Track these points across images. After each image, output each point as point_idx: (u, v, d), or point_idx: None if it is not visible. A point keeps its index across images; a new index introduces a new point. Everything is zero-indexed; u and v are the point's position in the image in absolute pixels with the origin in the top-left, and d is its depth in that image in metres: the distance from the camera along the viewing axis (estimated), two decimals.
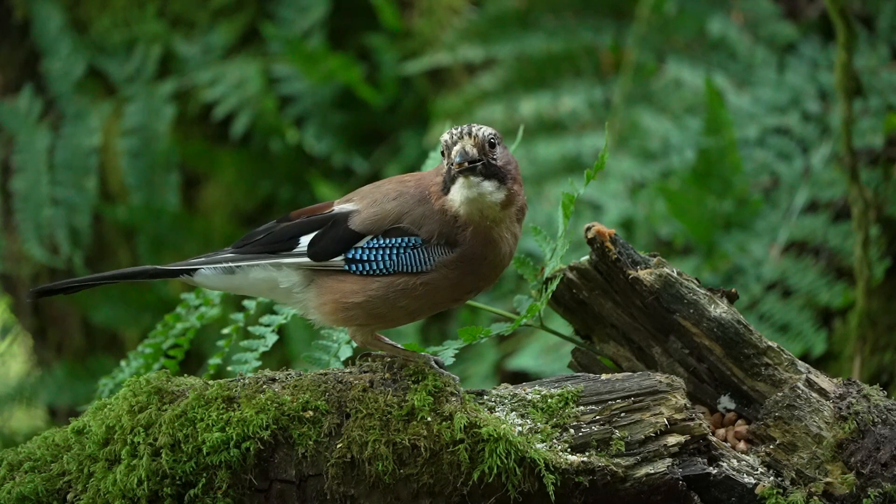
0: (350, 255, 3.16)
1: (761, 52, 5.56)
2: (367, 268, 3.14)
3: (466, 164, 3.10)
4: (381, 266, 3.14)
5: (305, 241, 3.18)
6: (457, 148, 3.12)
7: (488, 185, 3.13)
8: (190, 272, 3.25)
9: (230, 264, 3.21)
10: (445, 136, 3.15)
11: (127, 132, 6.08)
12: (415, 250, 3.14)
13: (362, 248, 3.16)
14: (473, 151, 3.11)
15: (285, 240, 3.20)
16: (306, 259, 3.17)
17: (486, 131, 3.13)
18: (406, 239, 3.14)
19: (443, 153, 3.15)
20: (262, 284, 3.24)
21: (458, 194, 3.13)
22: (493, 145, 3.14)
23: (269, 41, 6.12)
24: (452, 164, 3.11)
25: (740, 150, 5.22)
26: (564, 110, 5.67)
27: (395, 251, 3.14)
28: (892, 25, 5.38)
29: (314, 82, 6.07)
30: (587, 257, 3.33)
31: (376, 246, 3.15)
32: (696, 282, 3.30)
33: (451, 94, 5.84)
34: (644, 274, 3.28)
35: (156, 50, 6.17)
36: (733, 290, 3.32)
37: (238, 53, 6.16)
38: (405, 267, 3.13)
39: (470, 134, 3.12)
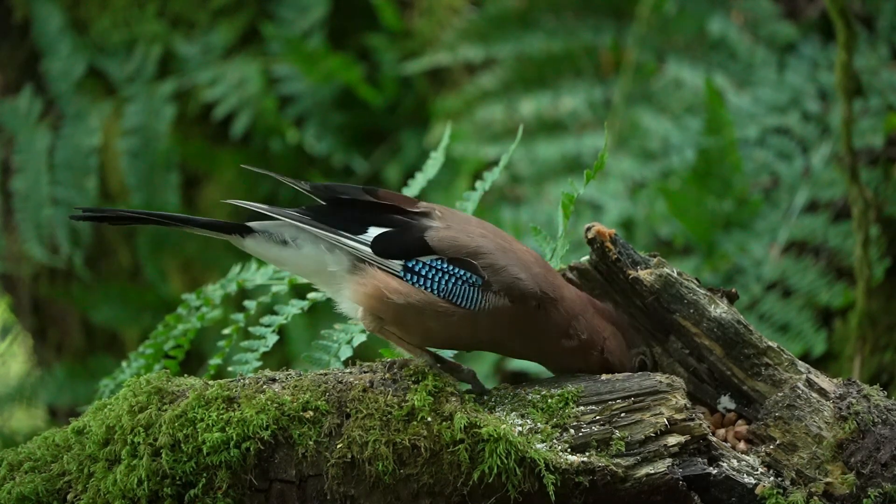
0: (410, 265, 3.13)
1: (761, 52, 5.56)
2: (420, 282, 3.12)
3: None
4: (434, 287, 3.11)
5: (374, 232, 3.15)
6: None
7: None
8: (242, 233, 3.20)
9: (296, 222, 3.15)
10: (645, 350, 3.25)
11: (127, 132, 6.08)
12: (471, 287, 3.11)
13: (424, 262, 3.13)
14: None
15: (358, 222, 3.15)
16: (367, 250, 3.13)
17: None
18: (469, 274, 3.12)
19: (640, 365, 3.24)
20: (311, 264, 3.19)
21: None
22: None
23: (269, 41, 6.12)
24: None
25: (740, 150, 5.22)
26: (564, 110, 5.68)
27: (452, 279, 3.12)
28: (892, 25, 5.39)
29: (314, 82, 6.07)
30: (587, 257, 3.33)
31: (438, 267, 3.13)
32: (696, 282, 3.30)
33: (451, 94, 5.84)
34: (644, 274, 3.28)
35: (156, 50, 6.17)
36: (733, 290, 3.31)
37: (238, 53, 6.17)
38: (455, 298, 3.11)
39: None
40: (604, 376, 3.16)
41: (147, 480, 3.03)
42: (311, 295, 3.53)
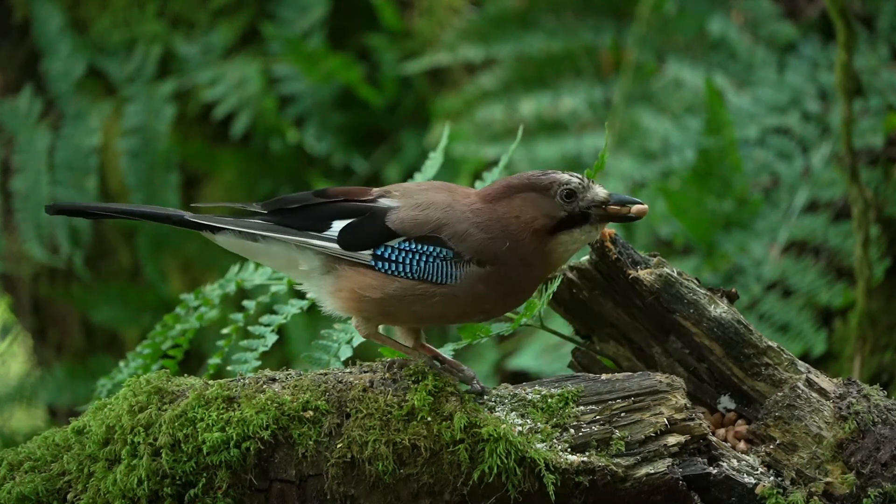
0: (379, 252, 3.13)
1: (761, 52, 5.56)
2: (393, 268, 3.12)
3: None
4: (407, 270, 3.11)
5: (338, 226, 3.15)
6: (600, 189, 3.15)
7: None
8: (213, 229, 3.21)
9: (257, 232, 3.17)
10: (569, 177, 3.15)
11: (127, 132, 6.08)
12: (444, 262, 3.12)
13: (392, 247, 3.13)
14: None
15: (318, 219, 3.16)
16: (335, 245, 3.14)
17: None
18: (438, 249, 3.12)
19: (568, 194, 3.14)
20: (282, 260, 3.21)
21: (580, 238, 3.15)
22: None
23: (269, 41, 6.12)
24: (595, 203, 3.13)
25: (740, 150, 5.22)
26: (564, 110, 5.68)
27: (423, 258, 3.12)
28: (892, 25, 5.38)
29: (314, 82, 6.07)
30: (587, 257, 3.33)
31: (407, 249, 3.13)
32: (696, 282, 3.30)
33: (451, 94, 5.84)
34: (644, 274, 3.28)
35: (156, 50, 6.17)
36: (733, 290, 3.32)
37: (238, 53, 6.16)
38: (429, 276, 3.11)
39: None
40: (604, 376, 3.16)
41: (147, 480, 3.03)
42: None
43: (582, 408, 3.10)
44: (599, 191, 3.16)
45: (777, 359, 3.24)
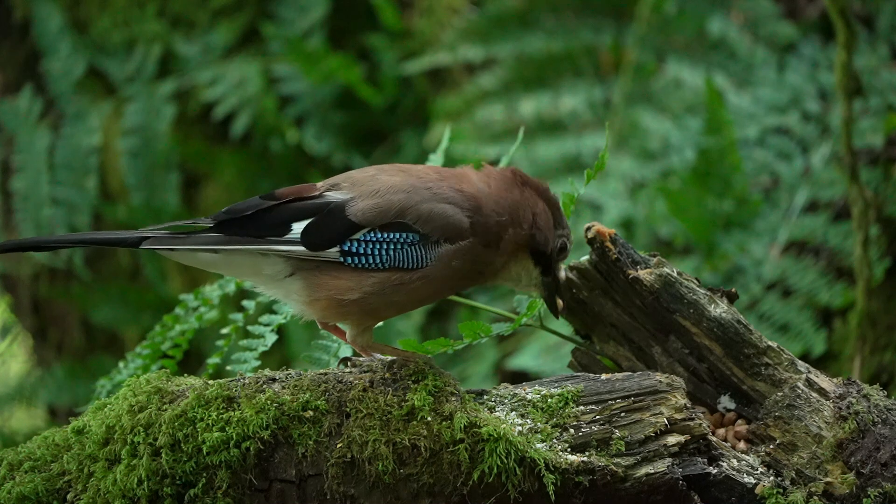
0: (346, 248, 3.10)
1: (761, 52, 5.57)
2: (363, 261, 3.09)
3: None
4: (378, 261, 3.08)
5: (298, 228, 3.10)
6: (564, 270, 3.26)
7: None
8: (171, 249, 3.14)
9: (218, 247, 3.11)
10: (568, 233, 3.24)
11: (127, 132, 6.08)
12: (412, 247, 3.09)
13: (359, 240, 3.10)
14: None
15: (276, 225, 3.10)
16: (301, 248, 3.09)
17: None
18: (405, 235, 3.09)
19: (563, 247, 3.22)
20: (245, 269, 3.16)
21: (533, 276, 3.22)
22: None
23: (269, 41, 6.12)
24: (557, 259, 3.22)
25: (740, 150, 5.22)
26: (564, 110, 5.68)
27: (392, 246, 3.09)
28: (892, 25, 5.39)
29: (314, 82, 6.07)
30: (587, 257, 3.33)
31: (373, 240, 3.09)
32: (696, 282, 3.30)
33: (451, 94, 5.84)
34: (644, 274, 3.28)
35: (156, 50, 6.17)
36: (733, 290, 3.32)
37: (238, 53, 6.17)
38: (401, 263, 3.09)
39: None
40: (604, 376, 3.16)
41: (147, 480, 3.03)
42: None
43: (582, 408, 3.11)
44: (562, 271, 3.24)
45: (777, 359, 3.24)
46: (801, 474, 3.13)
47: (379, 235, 3.10)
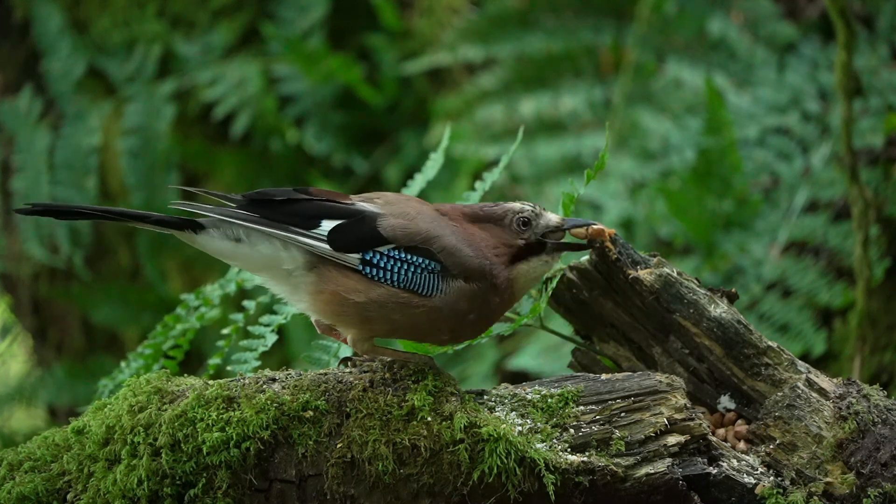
0: (368, 257, 3.12)
1: (761, 52, 5.57)
2: (380, 274, 3.11)
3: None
4: (394, 278, 3.10)
5: (328, 226, 3.12)
6: (553, 215, 3.19)
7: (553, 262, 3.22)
8: (195, 229, 3.16)
9: (245, 223, 3.12)
10: (521, 205, 3.19)
11: (127, 132, 6.08)
12: (431, 274, 3.11)
13: (381, 253, 3.12)
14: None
15: (307, 217, 3.13)
16: (325, 245, 3.11)
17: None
18: (427, 262, 3.12)
19: (523, 223, 3.17)
20: (265, 261, 3.16)
21: (538, 267, 3.18)
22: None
23: (269, 41, 6.12)
24: (549, 229, 3.18)
25: (740, 150, 5.22)
26: (564, 110, 5.68)
27: (412, 268, 3.11)
28: (892, 25, 5.39)
29: (314, 82, 6.07)
30: (587, 257, 3.34)
31: (396, 257, 3.12)
32: (696, 282, 3.30)
33: (451, 94, 5.85)
34: (644, 274, 3.28)
35: (156, 50, 6.17)
36: (733, 290, 3.32)
37: (238, 53, 6.17)
38: (415, 286, 3.11)
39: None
40: (604, 376, 3.17)
41: (147, 480, 3.03)
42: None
43: (582, 408, 3.11)
44: (552, 217, 3.20)
45: (777, 359, 3.24)
46: (801, 474, 3.13)
47: (403, 255, 3.12)
